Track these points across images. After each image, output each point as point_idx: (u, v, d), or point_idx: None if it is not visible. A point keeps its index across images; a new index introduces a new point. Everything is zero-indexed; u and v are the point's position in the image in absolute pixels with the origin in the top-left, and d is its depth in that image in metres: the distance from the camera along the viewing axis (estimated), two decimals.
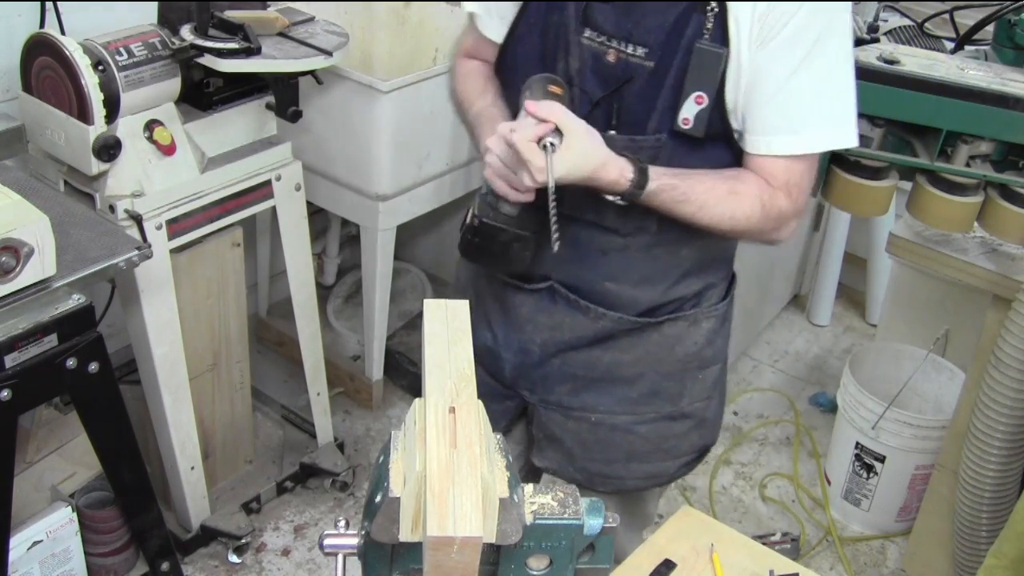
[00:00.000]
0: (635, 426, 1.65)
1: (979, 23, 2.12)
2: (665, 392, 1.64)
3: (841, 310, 3.73)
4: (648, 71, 1.39)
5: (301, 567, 2.56)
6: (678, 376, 1.63)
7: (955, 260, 2.16)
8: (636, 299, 1.56)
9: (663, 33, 1.37)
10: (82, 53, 1.94)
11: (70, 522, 2.10)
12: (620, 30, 1.40)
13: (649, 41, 1.39)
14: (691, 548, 1.51)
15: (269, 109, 2.30)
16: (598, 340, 1.59)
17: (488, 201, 1.44)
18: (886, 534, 2.81)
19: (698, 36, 1.35)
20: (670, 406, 1.65)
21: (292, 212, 2.44)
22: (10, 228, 1.63)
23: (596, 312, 1.55)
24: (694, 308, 1.59)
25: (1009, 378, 1.98)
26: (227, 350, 2.51)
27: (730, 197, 1.41)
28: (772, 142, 1.40)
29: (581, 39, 1.43)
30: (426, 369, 0.99)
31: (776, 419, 3.21)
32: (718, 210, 1.41)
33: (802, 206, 1.46)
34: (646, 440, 1.66)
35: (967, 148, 1.86)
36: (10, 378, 1.70)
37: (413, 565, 0.95)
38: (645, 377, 1.62)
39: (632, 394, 1.63)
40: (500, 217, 1.43)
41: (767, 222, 1.43)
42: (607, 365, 1.61)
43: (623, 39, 1.40)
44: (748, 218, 1.42)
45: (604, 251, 1.51)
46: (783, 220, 1.45)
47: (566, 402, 1.65)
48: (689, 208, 1.40)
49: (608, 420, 1.64)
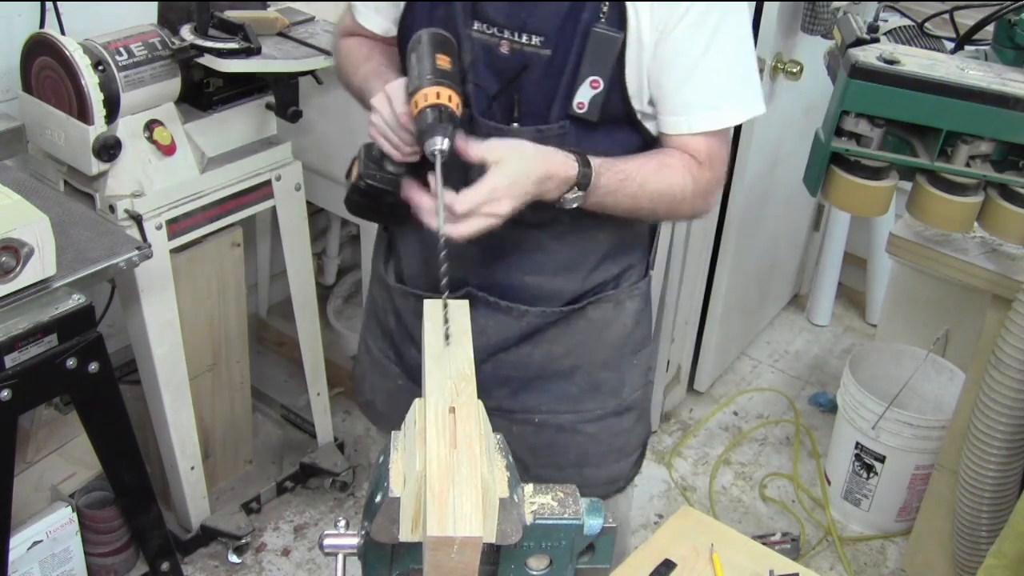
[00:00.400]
0: (581, 425, 1.62)
1: (979, 23, 2.12)
2: (605, 384, 1.62)
3: (841, 310, 3.73)
4: (545, 59, 1.38)
5: (301, 567, 2.56)
6: (614, 364, 1.62)
7: (955, 260, 2.16)
8: (558, 289, 1.54)
9: (559, 20, 1.36)
10: (82, 53, 1.94)
11: (70, 522, 2.10)
12: (513, 20, 1.38)
13: (545, 29, 1.37)
14: (691, 548, 1.51)
15: (269, 109, 2.30)
16: (525, 337, 1.57)
17: (373, 157, 1.42)
18: (886, 534, 2.81)
19: (594, 21, 1.35)
20: (613, 399, 1.63)
21: (292, 212, 2.44)
22: (10, 228, 1.63)
23: (518, 310, 1.54)
24: (615, 289, 1.59)
25: (1009, 378, 1.98)
26: (227, 350, 2.51)
27: (663, 170, 1.42)
28: (692, 121, 1.42)
29: (471, 32, 1.41)
30: (426, 369, 0.99)
31: (776, 419, 3.21)
32: (656, 185, 1.41)
33: (723, 175, 1.49)
34: (596, 440, 1.64)
35: (967, 148, 1.86)
36: (10, 378, 1.70)
37: (413, 565, 0.95)
38: (581, 369, 1.60)
39: (572, 389, 1.61)
40: (386, 178, 1.41)
41: (697, 195, 1.45)
42: (540, 361, 1.58)
43: (516, 29, 1.38)
44: (683, 190, 1.43)
45: (519, 245, 1.50)
46: (710, 192, 1.48)
47: (506, 405, 1.61)
48: (631, 187, 1.40)
49: (553, 420, 1.62)
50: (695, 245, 2.90)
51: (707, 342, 3.17)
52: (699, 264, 2.96)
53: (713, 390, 3.30)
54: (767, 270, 3.41)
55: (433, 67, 1.31)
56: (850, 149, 1.88)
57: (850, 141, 1.88)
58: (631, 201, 1.42)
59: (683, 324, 3.04)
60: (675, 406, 3.20)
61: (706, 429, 3.15)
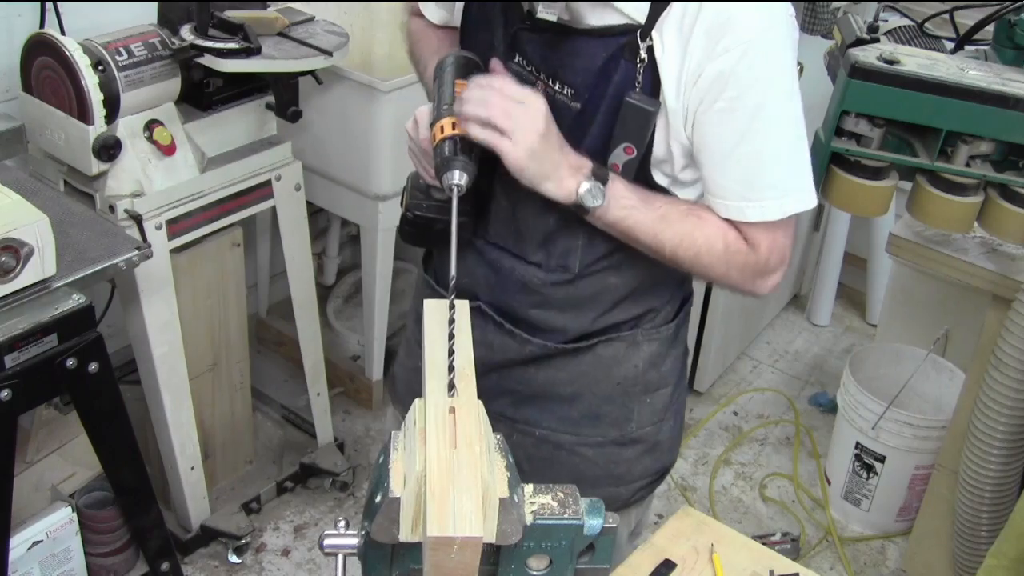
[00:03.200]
0: (580, 448, 1.56)
1: (979, 23, 2.12)
2: (608, 416, 1.54)
3: (841, 310, 3.73)
4: (575, 112, 1.31)
5: (301, 567, 2.56)
6: (620, 400, 1.53)
7: (955, 260, 2.16)
8: (564, 327, 1.46)
9: (591, 77, 1.29)
10: (82, 53, 1.94)
11: (70, 522, 2.10)
12: (547, 66, 1.32)
13: (576, 83, 1.30)
14: (691, 548, 1.51)
15: (269, 109, 2.30)
16: (528, 361, 1.51)
17: (419, 186, 1.40)
18: (886, 534, 2.81)
19: (627, 86, 1.27)
20: (616, 431, 1.56)
21: (292, 212, 2.44)
22: (10, 228, 1.63)
23: (521, 338, 1.48)
24: (632, 329, 1.49)
25: (1009, 378, 1.98)
26: (227, 350, 2.51)
27: (690, 216, 1.33)
28: (730, 208, 1.32)
29: (511, 64, 1.36)
30: (426, 369, 0.99)
31: (776, 419, 3.21)
32: (680, 226, 1.31)
33: (775, 262, 1.36)
34: (593, 464, 1.57)
35: (967, 148, 1.86)
36: (10, 378, 1.70)
37: (413, 565, 0.95)
38: (583, 398, 1.53)
39: (572, 414, 1.54)
40: (433, 206, 1.39)
41: (734, 265, 1.35)
42: (542, 383, 1.52)
43: (550, 75, 1.32)
44: (711, 247, 1.33)
45: (526, 283, 1.44)
46: (759, 273, 1.37)
47: (510, 414, 1.56)
48: (651, 213, 1.30)
49: (552, 437, 1.56)
50: None
51: (707, 342, 3.17)
52: None
53: (713, 390, 3.30)
54: None
55: (452, 96, 1.27)
56: (850, 149, 1.88)
57: (850, 141, 1.89)
58: (651, 229, 1.31)
59: None
60: None
61: (706, 429, 3.15)
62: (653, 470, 1.62)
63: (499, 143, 1.22)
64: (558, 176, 1.26)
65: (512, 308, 1.47)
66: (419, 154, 1.35)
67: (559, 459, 1.58)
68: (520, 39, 1.33)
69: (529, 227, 1.40)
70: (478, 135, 1.23)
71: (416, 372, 1.67)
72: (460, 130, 1.23)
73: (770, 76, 1.26)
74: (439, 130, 1.25)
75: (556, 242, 1.39)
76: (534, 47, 1.32)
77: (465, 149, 1.23)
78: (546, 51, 1.31)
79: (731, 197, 1.31)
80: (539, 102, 1.23)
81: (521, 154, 1.22)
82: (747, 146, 1.28)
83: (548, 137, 1.24)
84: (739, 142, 1.27)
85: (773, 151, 1.30)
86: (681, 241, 1.32)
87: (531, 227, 1.40)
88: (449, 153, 1.23)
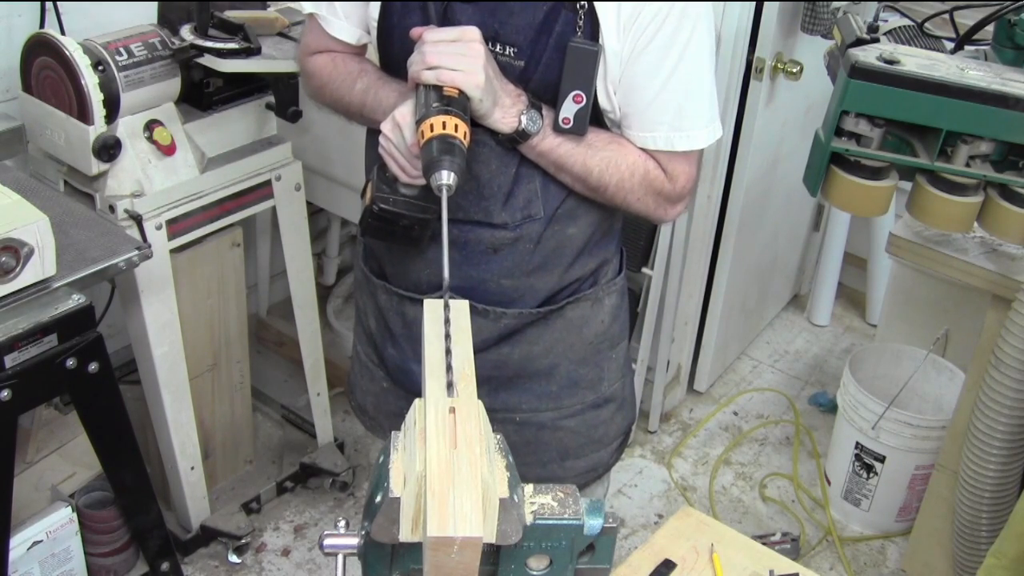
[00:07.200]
0: (561, 421, 1.63)
1: (979, 23, 2.12)
2: (584, 380, 1.63)
3: (841, 310, 3.73)
4: (518, 70, 1.38)
5: (301, 567, 2.56)
6: (592, 360, 1.62)
7: (955, 260, 2.16)
8: (534, 289, 1.54)
9: (532, 31, 1.36)
10: (82, 53, 1.94)
11: (70, 522, 2.10)
12: (486, 30, 1.36)
13: (518, 40, 1.37)
14: (691, 548, 1.51)
15: (269, 109, 2.31)
16: (503, 338, 1.56)
17: (386, 180, 1.40)
18: (886, 534, 2.81)
19: (569, 33, 1.35)
20: (592, 394, 1.64)
21: (292, 212, 2.44)
22: (10, 228, 1.64)
23: (495, 313, 1.53)
24: (592, 287, 1.59)
25: (1009, 378, 1.98)
26: (227, 350, 2.51)
27: (613, 143, 1.43)
28: (658, 139, 1.43)
29: None
30: (426, 369, 0.99)
31: (776, 419, 3.21)
32: (607, 153, 1.41)
33: (686, 191, 1.49)
34: (576, 434, 1.65)
35: (967, 148, 1.86)
36: (10, 378, 1.70)
37: (413, 565, 0.95)
38: (560, 367, 1.60)
39: (551, 387, 1.61)
40: (399, 202, 1.39)
41: (651, 191, 1.45)
42: (518, 361, 1.58)
43: (489, 39, 1.36)
44: (632, 173, 1.43)
45: (495, 248, 1.49)
46: (672, 201, 1.49)
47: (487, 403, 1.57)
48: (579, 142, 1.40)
49: (533, 419, 1.62)
50: (695, 245, 2.90)
51: (707, 342, 3.17)
52: (699, 264, 2.96)
53: (713, 390, 3.30)
54: (767, 270, 3.41)
55: (440, 95, 1.29)
56: (850, 149, 1.88)
57: (850, 141, 1.88)
58: (580, 155, 1.41)
59: (683, 324, 3.04)
60: (675, 406, 3.20)
61: (706, 429, 3.15)
62: (624, 427, 1.74)
63: (455, 78, 1.29)
64: (503, 104, 1.35)
65: (482, 283, 1.51)
66: (400, 153, 1.36)
67: (542, 439, 1.64)
68: (452, 11, 1.39)
69: (492, 188, 1.45)
70: (437, 80, 1.29)
71: (385, 393, 1.69)
72: (451, 130, 1.25)
73: (698, 11, 1.37)
74: (428, 128, 1.25)
75: (517, 195, 1.45)
76: (468, 16, 1.38)
77: (453, 150, 1.24)
78: (484, 16, 1.37)
79: (661, 129, 1.42)
80: (472, 32, 1.32)
81: (479, 80, 1.30)
82: (679, 78, 1.39)
83: (490, 64, 1.33)
84: (672, 75, 1.38)
85: (699, 82, 1.42)
86: (607, 167, 1.42)
87: (492, 187, 1.45)
88: (438, 153, 1.23)
